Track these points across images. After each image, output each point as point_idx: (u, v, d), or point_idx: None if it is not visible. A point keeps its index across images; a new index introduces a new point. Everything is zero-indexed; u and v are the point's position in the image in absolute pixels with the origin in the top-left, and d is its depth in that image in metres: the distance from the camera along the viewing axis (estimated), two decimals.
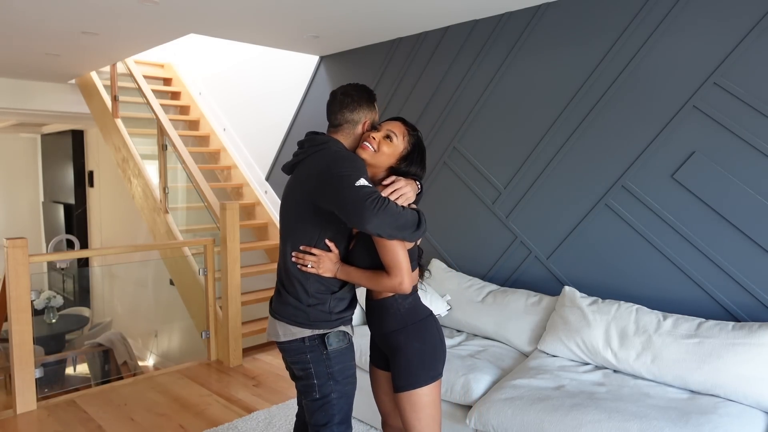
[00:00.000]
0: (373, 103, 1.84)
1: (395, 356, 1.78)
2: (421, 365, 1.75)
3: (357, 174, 1.63)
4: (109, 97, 5.54)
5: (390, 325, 1.79)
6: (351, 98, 1.80)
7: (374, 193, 1.60)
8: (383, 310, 1.80)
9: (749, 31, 2.32)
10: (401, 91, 3.76)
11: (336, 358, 1.75)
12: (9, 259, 3.14)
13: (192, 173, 4.75)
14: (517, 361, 2.70)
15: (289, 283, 1.75)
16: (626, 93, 2.69)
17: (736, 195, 2.38)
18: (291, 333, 1.74)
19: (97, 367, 5.46)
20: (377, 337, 1.86)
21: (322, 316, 1.73)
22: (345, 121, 1.80)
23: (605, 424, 1.98)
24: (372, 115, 1.84)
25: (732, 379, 2.13)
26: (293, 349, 1.75)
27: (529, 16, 3.02)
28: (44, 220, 9.66)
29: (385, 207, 1.58)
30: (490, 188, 3.26)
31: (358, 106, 1.80)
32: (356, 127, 1.81)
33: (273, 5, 3.03)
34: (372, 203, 1.56)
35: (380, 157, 1.79)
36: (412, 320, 1.79)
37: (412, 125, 1.87)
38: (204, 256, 4.10)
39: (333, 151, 1.72)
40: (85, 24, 3.45)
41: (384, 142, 1.79)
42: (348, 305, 1.81)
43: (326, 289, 1.74)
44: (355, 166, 1.66)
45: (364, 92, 1.82)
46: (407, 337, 1.77)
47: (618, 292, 2.76)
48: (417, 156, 1.83)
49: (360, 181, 1.61)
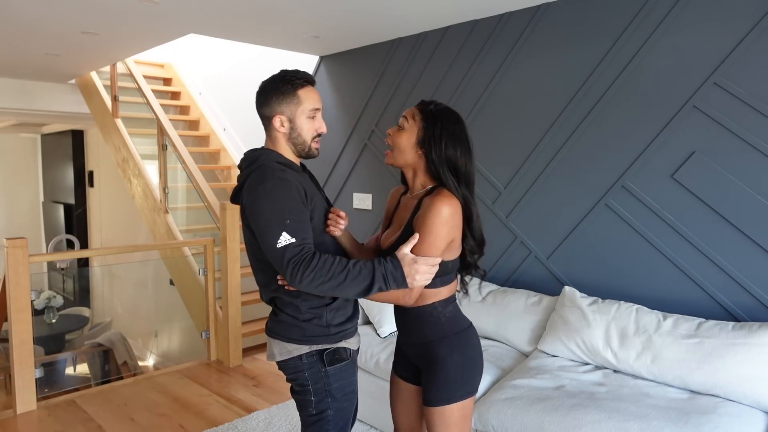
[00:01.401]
0: (289, 90, 1.56)
1: (432, 368, 1.62)
2: (460, 379, 1.60)
3: (276, 226, 1.44)
4: (109, 97, 5.54)
5: (429, 334, 1.63)
6: (263, 90, 1.59)
7: (294, 256, 1.42)
8: (421, 319, 1.63)
9: (749, 31, 2.32)
10: (401, 91, 3.76)
11: (335, 375, 1.61)
12: (9, 259, 3.14)
13: (192, 173, 4.75)
14: (517, 361, 2.70)
15: (281, 303, 1.62)
16: (626, 93, 2.69)
17: (736, 195, 2.38)
18: (287, 351, 1.60)
19: (97, 367, 5.45)
20: (409, 347, 1.71)
21: (320, 330, 1.59)
22: (262, 117, 1.61)
23: (605, 424, 1.98)
24: (288, 106, 1.57)
25: (732, 379, 2.13)
26: (290, 367, 1.62)
27: (529, 16, 3.02)
28: (44, 220, 9.66)
29: (305, 274, 1.41)
30: (490, 188, 3.26)
31: (267, 98, 1.57)
32: (271, 124, 1.60)
33: (273, 5, 3.03)
34: (292, 271, 1.42)
35: (398, 152, 1.59)
36: (453, 330, 1.63)
37: (430, 101, 1.60)
38: (204, 256, 4.10)
39: (259, 178, 1.51)
40: (85, 24, 3.44)
41: (396, 134, 1.60)
42: (349, 317, 1.67)
43: (320, 302, 1.59)
44: (275, 209, 1.46)
45: (277, 80, 1.57)
46: (449, 348, 1.61)
47: (618, 292, 2.75)
48: (438, 129, 1.53)
49: (281, 239, 1.43)
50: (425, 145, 1.56)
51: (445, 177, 1.55)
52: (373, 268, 1.45)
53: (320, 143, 1.69)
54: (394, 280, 1.45)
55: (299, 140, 1.61)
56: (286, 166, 1.57)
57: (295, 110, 1.58)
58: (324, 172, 4.35)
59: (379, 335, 3.00)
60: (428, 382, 1.63)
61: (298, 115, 1.58)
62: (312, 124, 1.61)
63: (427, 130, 1.55)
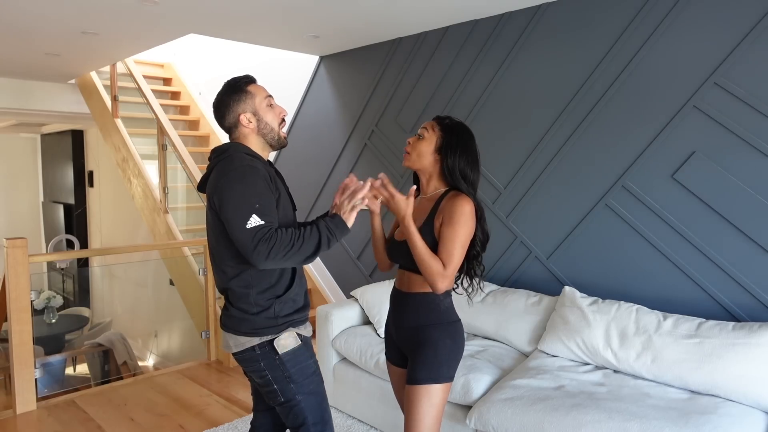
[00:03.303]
0: (240, 90, 1.71)
1: (421, 348, 1.76)
2: (446, 362, 1.75)
3: (246, 208, 1.55)
4: (109, 97, 5.54)
5: (426, 318, 1.78)
6: (219, 104, 1.72)
7: (262, 237, 1.53)
8: (421, 303, 1.79)
9: (749, 31, 2.32)
10: (401, 91, 3.76)
11: (290, 361, 1.70)
12: (9, 259, 3.14)
13: (192, 173, 4.75)
14: (517, 361, 2.70)
15: (233, 297, 1.71)
16: (626, 93, 2.69)
17: (736, 195, 2.38)
18: (240, 343, 1.70)
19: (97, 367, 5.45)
20: (401, 331, 1.85)
21: (268, 322, 1.68)
22: (229, 127, 1.73)
23: (605, 425, 1.98)
24: (246, 103, 1.71)
25: (732, 379, 2.13)
26: (246, 358, 1.72)
27: (529, 16, 3.02)
28: (44, 220, 9.65)
29: (272, 249, 1.53)
30: (490, 188, 3.26)
31: (226, 107, 1.70)
32: (239, 127, 1.71)
33: (273, 5, 3.03)
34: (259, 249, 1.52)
35: (417, 157, 1.79)
36: (448, 320, 1.80)
37: (446, 116, 1.83)
38: (204, 256, 4.09)
39: (228, 165, 1.62)
40: (85, 24, 3.44)
41: (417, 142, 1.80)
42: (298, 308, 1.75)
43: (271, 295, 1.69)
44: (245, 192, 1.57)
45: (227, 89, 1.72)
46: (442, 332, 1.77)
47: (618, 292, 2.75)
48: (454, 140, 1.77)
49: (250, 221, 1.54)
50: (442, 152, 1.78)
51: (458, 181, 1.77)
52: (316, 223, 1.64)
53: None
54: (336, 226, 1.64)
55: (267, 129, 1.73)
56: (253, 157, 1.69)
57: (254, 103, 1.71)
58: (324, 172, 4.35)
59: (379, 335, 3.00)
60: (416, 362, 1.76)
61: (258, 107, 1.71)
62: (273, 111, 1.75)
63: (444, 140, 1.78)
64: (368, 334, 3.02)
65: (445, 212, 1.73)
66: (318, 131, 4.35)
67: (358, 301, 3.24)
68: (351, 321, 3.19)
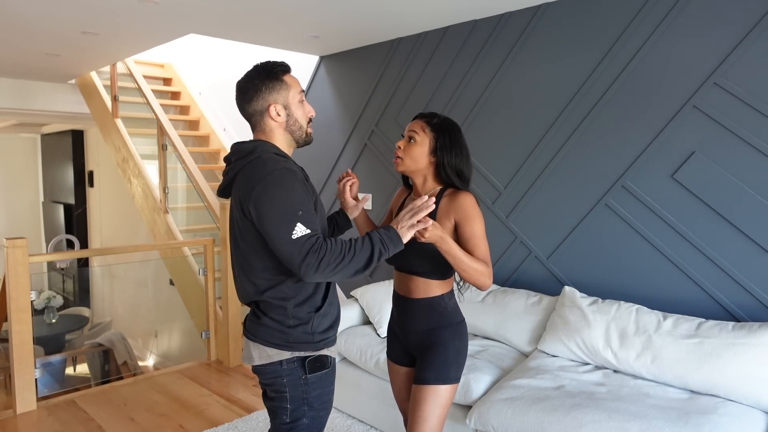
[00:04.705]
0: (276, 78, 1.56)
1: (432, 350, 1.78)
2: (455, 363, 1.77)
3: (290, 217, 1.42)
4: (109, 97, 5.54)
5: (434, 321, 1.80)
6: (247, 86, 1.57)
7: (311, 247, 1.41)
8: (429, 308, 1.80)
9: (749, 31, 2.32)
10: (401, 91, 3.75)
11: (315, 383, 1.58)
12: (9, 259, 3.14)
13: (192, 173, 4.75)
14: (517, 361, 2.70)
15: (267, 307, 1.56)
16: (626, 93, 2.69)
17: (736, 195, 2.38)
18: (267, 355, 1.56)
19: (97, 367, 5.45)
20: (411, 335, 1.85)
21: (304, 337, 1.55)
22: (253, 114, 1.58)
23: (605, 425, 1.98)
24: (280, 94, 1.56)
25: (732, 379, 2.13)
26: (268, 372, 1.58)
27: (529, 16, 3.02)
28: (44, 220, 9.66)
29: (322, 260, 1.41)
30: (490, 188, 3.26)
31: (256, 91, 1.55)
32: (265, 118, 1.57)
33: (273, 5, 3.03)
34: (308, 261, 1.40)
35: (412, 161, 1.77)
36: (455, 320, 1.82)
37: (430, 114, 1.80)
38: (204, 256, 4.10)
39: (261, 169, 1.47)
40: (85, 24, 3.44)
41: (408, 146, 1.78)
42: (332, 324, 1.64)
43: (310, 308, 1.56)
44: (285, 200, 1.43)
45: (260, 72, 1.57)
46: (452, 334, 1.79)
47: (618, 292, 2.75)
48: (447, 139, 1.75)
49: (295, 231, 1.41)
50: (437, 154, 1.77)
51: (455, 179, 1.78)
52: (370, 237, 1.50)
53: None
54: (390, 240, 1.51)
55: (296, 126, 1.61)
56: (283, 158, 1.55)
57: (287, 95, 1.58)
58: (324, 172, 4.35)
59: (379, 335, 3.00)
60: (425, 363, 1.77)
61: (290, 101, 1.58)
62: (303, 108, 1.62)
63: (438, 141, 1.76)
64: (368, 334, 3.02)
65: (456, 214, 1.73)
66: (318, 131, 4.35)
67: (358, 301, 3.24)
68: (351, 321, 3.19)
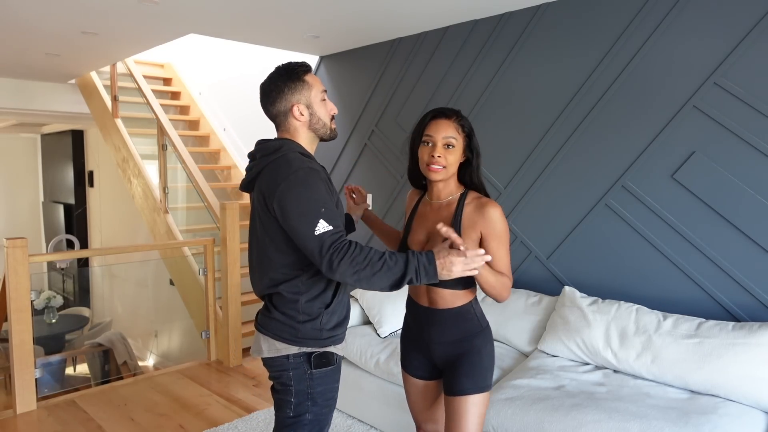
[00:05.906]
0: (298, 79, 1.60)
1: (465, 359, 1.71)
2: (489, 369, 1.73)
3: (313, 214, 1.46)
4: (109, 97, 5.54)
5: (467, 330, 1.74)
6: (270, 88, 1.61)
7: (333, 243, 1.44)
8: (458, 317, 1.73)
9: (749, 31, 2.32)
10: (401, 91, 3.76)
11: (320, 379, 1.62)
12: (9, 259, 3.14)
13: (192, 173, 4.75)
14: (517, 361, 2.70)
15: (280, 301, 1.61)
16: (626, 93, 2.69)
17: (737, 195, 2.38)
18: (276, 349, 1.61)
19: (97, 367, 5.46)
20: (440, 346, 1.77)
21: (313, 333, 1.59)
22: (277, 115, 1.63)
23: (605, 424, 1.98)
24: (302, 94, 1.61)
25: (732, 379, 2.13)
26: (276, 364, 1.63)
27: (529, 16, 3.02)
28: (44, 220, 9.66)
29: (343, 259, 1.43)
30: (491, 188, 3.26)
31: (279, 92, 1.60)
32: (289, 118, 1.62)
33: (273, 5, 3.03)
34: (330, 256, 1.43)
35: (451, 167, 1.68)
36: (483, 325, 1.77)
37: (452, 111, 1.70)
38: (204, 256, 4.10)
39: (287, 167, 1.52)
40: (85, 24, 3.44)
41: (448, 152, 1.66)
42: (340, 321, 1.67)
43: (321, 304, 1.60)
44: (309, 197, 1.48)
45: (281, 74, 1.61)
46: (483, 340, 1.74)
47: (618, 292, 2.75)
48: (475, 140, 1.71)
49: (318, 227, 1.45)
50: (467, 155, 1.71)
51: (480, 182, 1.74)
52: (407, 259, 1.47)
53: None
54: (425, 273, 1.47)
55: (320, 125, 1.65)
56: (308, 157, 1.60)
57: (309, 95, 1.62)
58: None
59: (379, 335, 3.00)
60: (459, 373, 1.70)
61: (313, 100, 1.62)
62: (326, 107, 1.66)
63: (467, 142, 1.70)
64: (368, 334, 3.02)
65: (485, 229, 1.66)
66: None
67: (358, 301, 3.24)
68: (351, 321, 3.19)
